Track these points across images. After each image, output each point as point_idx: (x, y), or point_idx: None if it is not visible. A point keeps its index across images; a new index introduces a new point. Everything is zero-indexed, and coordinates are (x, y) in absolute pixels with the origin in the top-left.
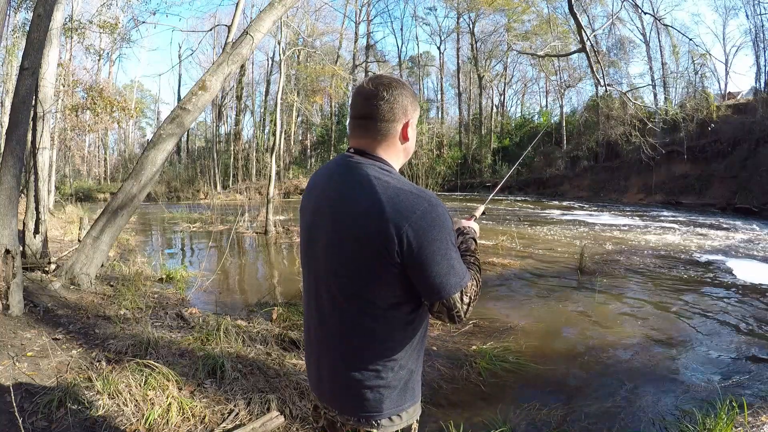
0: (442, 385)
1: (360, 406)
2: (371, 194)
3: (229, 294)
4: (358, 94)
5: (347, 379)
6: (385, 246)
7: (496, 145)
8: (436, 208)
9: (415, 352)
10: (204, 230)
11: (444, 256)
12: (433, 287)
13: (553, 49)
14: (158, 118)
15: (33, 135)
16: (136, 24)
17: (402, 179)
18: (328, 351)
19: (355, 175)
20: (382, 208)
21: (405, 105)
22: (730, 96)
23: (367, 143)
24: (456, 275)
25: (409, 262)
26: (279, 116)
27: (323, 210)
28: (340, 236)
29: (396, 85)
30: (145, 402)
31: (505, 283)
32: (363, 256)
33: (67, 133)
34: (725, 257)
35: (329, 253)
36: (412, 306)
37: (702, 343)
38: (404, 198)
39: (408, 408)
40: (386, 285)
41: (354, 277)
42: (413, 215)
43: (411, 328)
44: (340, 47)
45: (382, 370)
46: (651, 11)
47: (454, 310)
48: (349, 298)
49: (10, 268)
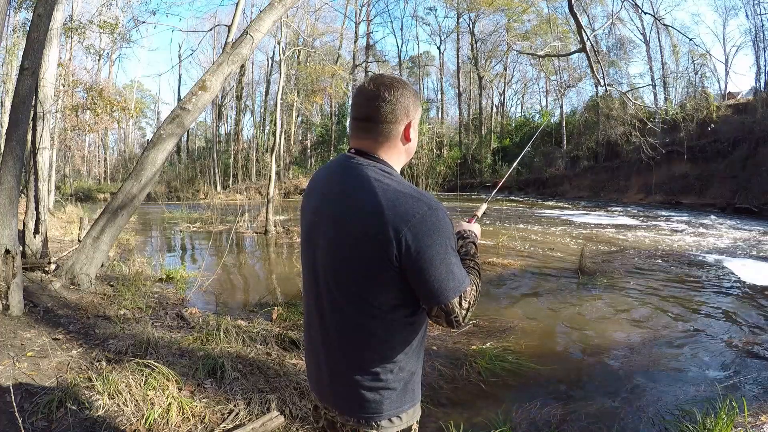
0: (442, 385)
1: (360, 407)
2: (371, 196)
3: (229, 294)
4: (360, 95)
5: (347, 380)
6: (384, 249)
7: (496, 145)
8: (436, 212)
9: (415, 354)
10: (204, 230)
11: (443, 260)
12: (432, 292)
13: (553, 49)
14: (158, 118)
15: (33, 135)
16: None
17: (402, 181)
18: (328, 352)
19: (355, 177)
20: (381, 211)
21: (407, 105)
22: (730, 96)
23: (368, 144)
24: (455, 280)
25: (408, 266)
26: (279, 116)
27: (323, 211)
28: (340, 237)
29: (398, 85)
30: (145, 402)
31: (505, 283)
32: (361, 258)
33: (67, 133)
34: (725, 257)
35: (328, 254)
36: (412, 308)
37: (702, 343)
38: (404, 201)
39: (408, 409)
40: (385, 287)
41: (352, 278)
42: (413, 219)
43: (411, 330)
44: (340, 47)
45: (381, 371)
46: (651, 11)
47: (453, 315)
48: (348, 299)
49: (10, 268)
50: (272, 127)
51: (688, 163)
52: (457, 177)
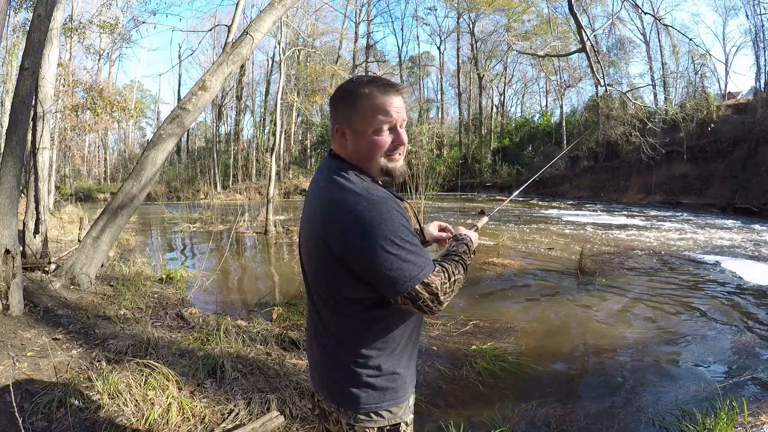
0: (441, 385)
1: (339, 399)
2: (321, 196)
3: (229, 294)
4: None
5: (326, 373)
6: (329, 247)
7: (496, 145)
8: (377, 205)
9: (396, 353)
10: (204, 230)
11: (389, 252)
12: (388, 282)
13: (553, 49)
14: (158, 118)
15: (33, 135)
16: (136, 24)
17: (354, 179)
18: (316, 343)
19: (319, 179)
20: (326, 210)
21: (345, 110)
22: (730, 96)
23: (334, 145)
24: (411, 268)
25: (355, 261)
26: (279, 116)
27: (304, 210)
28: (306, 237)
29: (338, 91)
30: (145, 402)
31: (505, 283)
32: (319, 257)
33: (67, 133)
34: (725, 257)
35: (304, 253)
36: (373, 301)
37: (702, 343)
38: (346, 198)
39: (389, 407)
40: (341, 283)
41: (318, 276)
42: (350, 215)
43: (382, 326)
44: (340, 47)
45: (355, 366)
46: (651, 11)
47: (419, 301)
48: (320, 296)
49: (10, 268)
50: (272, 127)
51: (688, 163)
52: (457, 177)
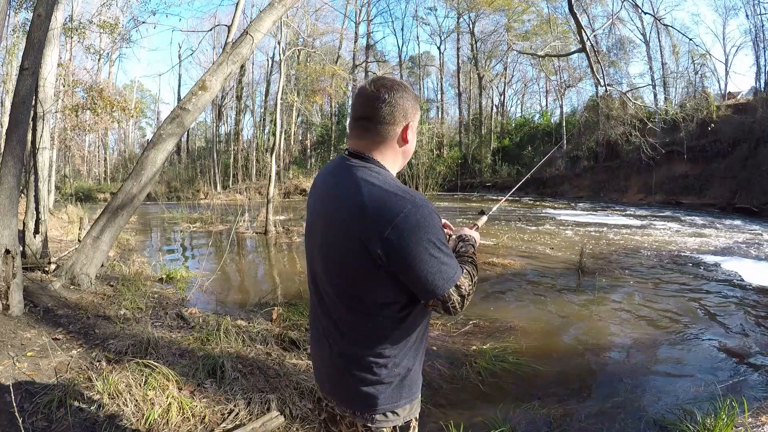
0: (442, 385)
1: (355, 400)
2: (357, 198)
3: (229, 294)
4: (360, 96)
5: (343, 375)
6: (369, 249)
7: (496, 145)
8: (421, 209)
9: (411, 350)
10: (204, 230)
11: (432, 255)
12: (426, 286)
13: (553, 49)
14: (158, 118)
15: (33, 135)
16: (136, 24)
17: (390, 181)
18: (327, 346)
19: (346, 178)
20: (367, 212)
21: (406, 108)
22: (730, 96)
23: (364, 144)
24: (448, 270)
25: (397, 264)
26: (279, 116)
27: (319, 211)
28: (331, 238)
29: (398, 87)
30: (145, 402)
31: (505, 283)
32: (351, 258)
33: (67, 133)
34: (725, 257)
35: (322, 254)
36: (403, 305)
37: (702, 343)
38: (388, 200)
39: (404, 405)
40: (375, 285)
41: (344, 277)
42: (396, 218)
43: (404, 326)
44: (340, 47)
45: (374, 366)
46: (651, 11)
47: (449, 303)
48: (341, 296)
49: (10, 268)
50: (272, 127)
51: (688, 163)
52: (457, 177)
